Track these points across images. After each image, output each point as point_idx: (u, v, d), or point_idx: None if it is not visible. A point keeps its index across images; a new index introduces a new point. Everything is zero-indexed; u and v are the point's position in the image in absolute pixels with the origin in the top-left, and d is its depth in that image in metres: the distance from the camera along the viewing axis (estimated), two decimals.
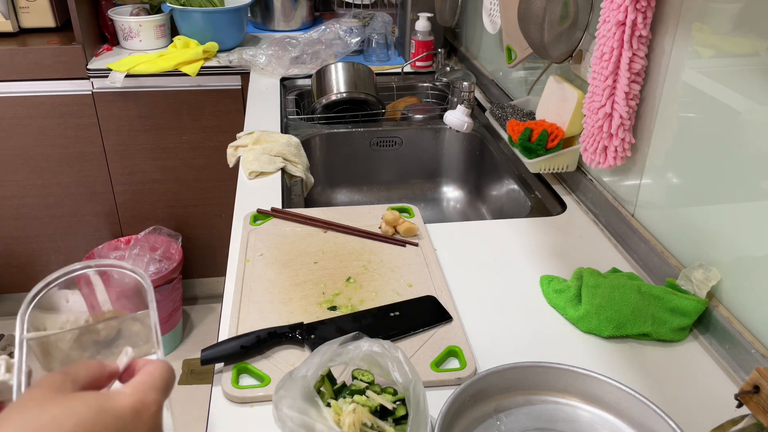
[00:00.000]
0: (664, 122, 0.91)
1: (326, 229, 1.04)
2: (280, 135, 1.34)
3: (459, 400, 0.67)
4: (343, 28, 1.97)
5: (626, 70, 0.90)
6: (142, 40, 1.99)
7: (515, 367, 0.71)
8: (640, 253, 0.97)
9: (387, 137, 1.56)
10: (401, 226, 1.02)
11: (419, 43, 1.86)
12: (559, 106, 1.15)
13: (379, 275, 0.93)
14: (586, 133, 1.01)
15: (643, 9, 0.86)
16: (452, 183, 1.62)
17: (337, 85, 1.58)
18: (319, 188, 1.57)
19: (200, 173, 2.09)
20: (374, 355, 0.67)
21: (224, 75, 1.93)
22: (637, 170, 0.99)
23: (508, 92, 1.56)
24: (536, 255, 1.01)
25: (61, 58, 1.87)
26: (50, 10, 1.97)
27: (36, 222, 2.09)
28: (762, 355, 0.73)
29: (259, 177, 1.23)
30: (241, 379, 0.75)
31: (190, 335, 2.27)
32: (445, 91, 1.76)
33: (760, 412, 0.57)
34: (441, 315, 0.84)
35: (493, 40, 1.65)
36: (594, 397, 0.71)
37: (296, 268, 0.94)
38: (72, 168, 2.02)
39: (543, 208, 1.19)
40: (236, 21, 2.01)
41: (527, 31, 1.16)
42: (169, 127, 2.00)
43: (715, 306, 0.81)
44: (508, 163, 1.37)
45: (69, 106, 1.93)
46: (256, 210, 1.08)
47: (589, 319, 0.83)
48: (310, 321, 0.83)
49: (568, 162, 1.17)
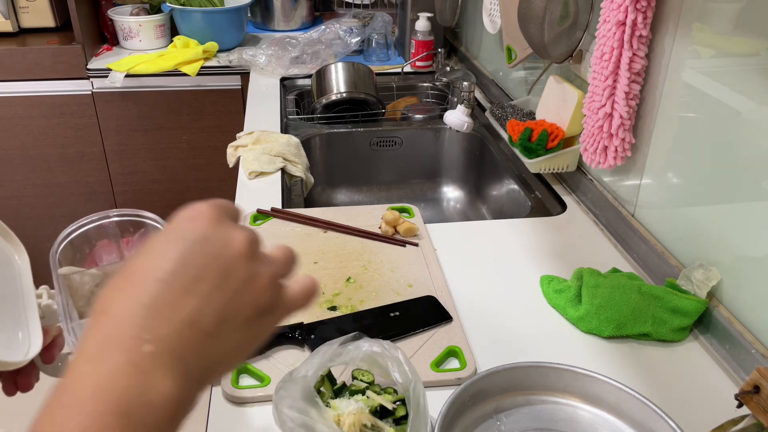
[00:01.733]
0: (664, 122, 0.91)
1: (326, 229, 1.04)
2: (280, 135, 1.34)
3: (459, 401, 0.67)
4: (343, 28, 1.97)
5: (626, 70, 0.90)
6: (142, 40, 1.99)
7: (515, 367, 0.71)
8: (640, 253, 0.97)
9: (387, 137, 1.56)
10: (401, 226, 1.02)
11: (419, 43, 1.86)
12: (559, 106, 1.15)
13: (379, 275, 0.93)
14: (586, 133, 1.01)
15: (643, 9, 0.86)
16: (452, 183, 1.62)
17: (337, 85, 1.58)
18: (319, 188, 1.57)
19: (200, 173, 2.09)
20: (374, 356, 0.67)
21: (224, 75, 1.93)
22: (638, 170, 0.99)
23: (508, 92, 1.56)
24: (536, 255, 1.01)
25: (61, 58, 1.87)
26: (50, 10, 1.97)
27: (36, 222, 2.09)
28: (762, 355, 0.73)
29: (259, 177, 1.23)
30: (241, 379, 0.75)
31: None
32: (445, 91, 1.76)
33: (761, 412, 0.57)
34: (441, 315, 0.84)
35: (493, 40, 1.65)
36: (594, 398, 0.71)
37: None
38: (72, 168, 2.02)
39: (543, 208, 1.19)
40: (236, 21, 2.01)
41: (527, 31, 1.16)
42: (169, 127, 2.00)
43: (716, 306, 0.81)
44: (508, 163, 1.37)
45: (69, 106, 1.93)
46: (256, 210, 1.08)
47: (589, 319, 0.83)
48: (310, 321, 0.83)
49: (568, 162, 1.17)
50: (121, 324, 0.33)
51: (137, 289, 0.35)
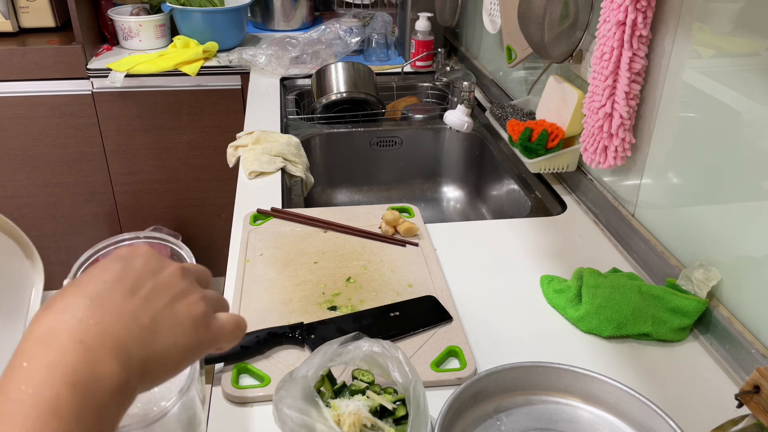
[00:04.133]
0: (665, 122, 0.91)
1: (326, 229, 1.04)
2: (280, 135, 1.34)
3: (459, 401, 0.67)
4: (343, 28, 1.97)
5: (626, 69, 0.90)
6: (142, 40, 1.99)
7: (515, 367, 0.71)
8: (640, 253, 0.97)
9: (387, 137, 1.56)
10: (401, 226, 1.02)
11: (419, 43, 1.86)
12: (560, 105, 1.15)
13: (379, 275, 0.93)
14: (586, 133, 1.01)
15: (644, 9, 0.86)
16: (452, 183, 1.62)
17: (337, 85, 1.58)
18: (319, 188, 1.57)
19: (200, 173, 2.09)
20: (374, 355, 0.67)
21: (224, 75, 1.93)
22: (638, 170, 0.99)
23: (508, 92, 1.56)
24: (536, 255, 1.01)
25: (61, 58, 1.87)
26: (50, 10, 1.97)
27: (36, 222, 2.09)
28: (762, 355, 0.73)
29: (259, 177, 1.23)
30: (241, 379, 0.75)
31: None
32: (445, 91, 1.76)
33: (761, 412, 0.57)
34: (441, 315, 0.84)
35: (493, 40, 1.65)
36: (594, 397, 0.71)
37: (296, 268, 0.94)
38: (72, 168, 2.02)
39: (543, 208, 1.19)
40: (236, 21, 2.01)
41: (527, 31, 1.16)
42: (169, 126, 2.00)
43: (716, 306, 0.81)
44: (508, 163, 1.37)
45: (69, 106, 1.93)
46: (256, 210, 1.08)
47: (589, 319, 0.83)
48: (310, 321, 0.83)
49: (568, 162, 1.17)
50: (69, 311, 0.37)
51: (82, 287, 0.39)
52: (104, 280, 0.39)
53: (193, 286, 0.43)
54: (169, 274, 0.42)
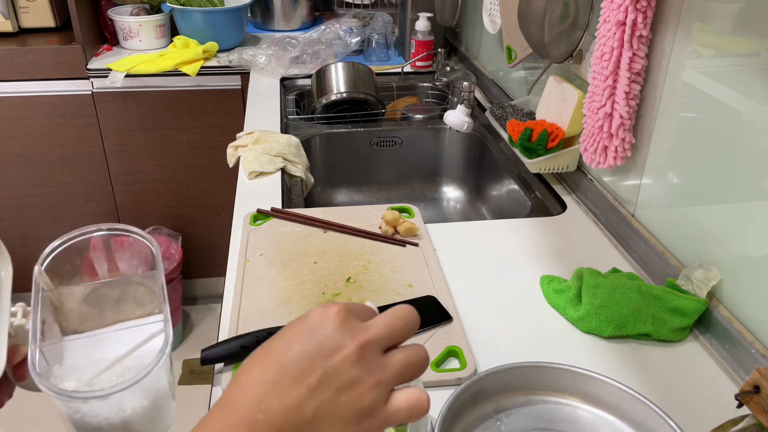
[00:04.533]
0: (665, 122, 0.91)
1: (326, 229, 1.04)
2: (280, 135, 1.34)
3: (459, 401, 0.67)
4: (343, 28, 1.97)
5: (626, 70, 0.90)
6: (142, 40, 1.99)
7: (515, 367, 0.71)
8: (640, 253, 0.97)
9: (387, 137, 1.56)
10: (401, 226, 1.02)
11: (419, 43, 1.86)
12: (559, 106, 1.15)
13: (379, 275, 0.93)
14: (586, 133, 1.01)
15: (644, 9, 0.86)
16: (452, 183, 1.62)
17: (337, 85, 1.58)
18: (319, 188, 1.57)
19: (200, 173, 2.09)
20: None
21: (224, 75, 1.93)
22: (638, 170, 0.99)
23: (508, 92, 1.56)
24: (536, 255, 1.01)
25: (61, 58, 1.87)
26: (50, 10, 1.97)
27: (36, 222, 2.09)
28: (762, 355, 0.73)
29: (259, 177, 1.23)
30: None
31: (190, 335, 2.27)
32: (445, 91, 1.76)
33: (761, 412, 0.57)
34: (441, 315, 0.84)
35: (493, 40, 1.65)
36: (594, 398, 0.71)
37: (296, 268, 0.94)
38: (72, 168, 2.02)
39: (543, 208, 1.19)
40: (236, 21, 2.01)
41: (527, 31, 1.16)
42: (169, 127, 2.00)
43: (716, 306, 0.81)
44: (508, 163, 1.37)
45: (69, 106, 1.93)
46: (256, 210, 1.08)
47: (589, 319, 0.83)
48: None
49: (568, 162, 1.17)
50: (248, 390, 0.42)
51: (265, 367, 0.42)
52: (281, 362, 0.42)
53: (365, 373, 0.42)
54: (342, 358, 0.42)
